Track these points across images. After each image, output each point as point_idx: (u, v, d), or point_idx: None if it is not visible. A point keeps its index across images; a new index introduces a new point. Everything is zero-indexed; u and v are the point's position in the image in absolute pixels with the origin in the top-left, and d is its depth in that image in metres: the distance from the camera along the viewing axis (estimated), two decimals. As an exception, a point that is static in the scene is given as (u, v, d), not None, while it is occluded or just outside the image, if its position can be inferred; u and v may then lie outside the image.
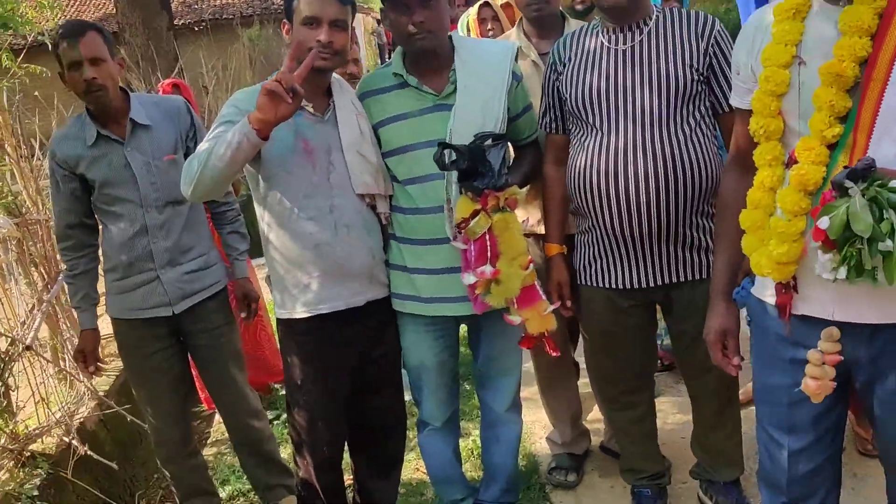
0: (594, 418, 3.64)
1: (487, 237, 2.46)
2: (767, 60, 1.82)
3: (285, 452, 3.62)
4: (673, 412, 3.81)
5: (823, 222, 1.59)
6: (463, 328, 2.88)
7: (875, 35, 1.66)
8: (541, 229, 2.98)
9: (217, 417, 4.36)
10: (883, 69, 1.65)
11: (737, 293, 2.07)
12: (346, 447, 2.89)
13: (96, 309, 3.15)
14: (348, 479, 3.06)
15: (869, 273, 1.58)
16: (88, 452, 3.33)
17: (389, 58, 2.78)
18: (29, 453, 3.40)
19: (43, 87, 5.59)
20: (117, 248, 2.98)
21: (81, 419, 3.90)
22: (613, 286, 2.60)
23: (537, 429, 3.81)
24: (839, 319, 1.77)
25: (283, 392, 3.24)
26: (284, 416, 3.80)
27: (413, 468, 3.63)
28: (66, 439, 3.55)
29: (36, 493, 3.14)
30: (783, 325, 1.88)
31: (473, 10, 4.33)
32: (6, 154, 4.64)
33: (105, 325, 3.19)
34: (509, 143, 2.81)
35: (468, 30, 4.34)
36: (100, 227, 3.07)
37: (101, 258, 3.12)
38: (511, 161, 2.82)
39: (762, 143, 1.88)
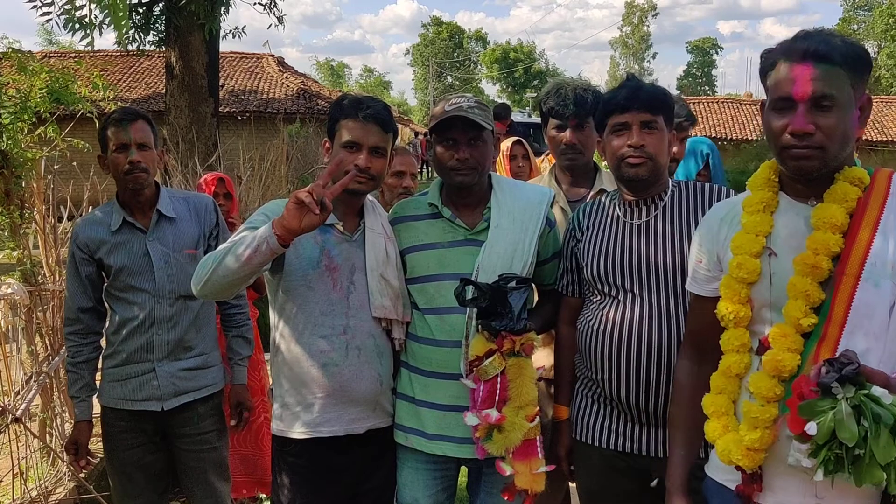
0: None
1: (499, 380, 2.39)
2: (738, 249, 1.90)
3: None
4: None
5: (812, 428, 1.59)
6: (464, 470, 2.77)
7: (846, 233, 1.78)
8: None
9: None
10: (856, 265, 1.75)
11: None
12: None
13: (93, 400, 3.09)
14: None
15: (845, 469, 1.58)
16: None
17: (421, 168, 2.79)
18: (-3, 531, 3.28)
19: (82, 157, 5.71)
20: (121, 335, 2.96)
21: (57, 500, 3.78)
22: (611, 447, 2.51)
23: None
24: None
25: (268, 505, 3.12)
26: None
27: None
28: (37, 522, 3.43)
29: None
30: None
31: (505, 144, 4.39)
32: (34, 220, 4.70)
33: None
34: (534, 287, 2.79)
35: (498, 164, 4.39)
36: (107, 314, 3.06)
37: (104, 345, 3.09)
38: (533, 305, 2.79)
39: (730, 328, 1.93)
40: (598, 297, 2.55)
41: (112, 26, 5.55)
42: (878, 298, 1.73)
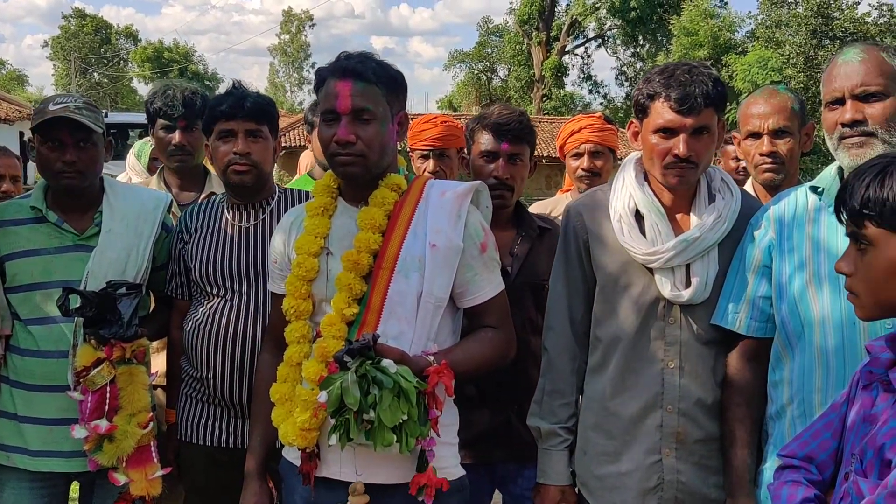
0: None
1: (108, 389, 2.34)
2: (300, 249, 2.12)
3: None
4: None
5: (322, 396, 1.81)
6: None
7: (385, 232, 2.04)
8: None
9: None
10: (390, 260, 2.02)
11: None
12: None
13: None
14: None
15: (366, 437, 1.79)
16: None
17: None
18: None
19: None
20: None
21: None
22: (213, 443, 2.57)
23: None
24: (365, 481, 1.97)
25: None
26: None
27: None
28: None
29: None
30: (308, 490, 2.05)
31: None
32: None
33: None
34: (152, 294, 2.76)
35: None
36: None
37: None
38: (149, 311, 2.75)
39: (293, 321, 2.13)
40: (207, 299, 2.60)
41: None
42: (408, 288, 2.01)
